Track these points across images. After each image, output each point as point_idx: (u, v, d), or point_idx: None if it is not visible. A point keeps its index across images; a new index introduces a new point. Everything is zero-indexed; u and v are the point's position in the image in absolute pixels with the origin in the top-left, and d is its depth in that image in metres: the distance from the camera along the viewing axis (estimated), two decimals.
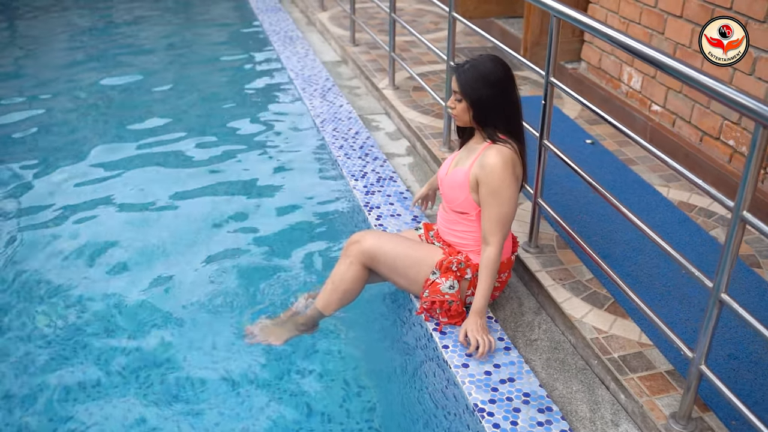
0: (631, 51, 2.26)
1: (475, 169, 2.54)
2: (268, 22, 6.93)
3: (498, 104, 2.52)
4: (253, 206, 3.99)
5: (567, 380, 2.49)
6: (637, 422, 2.30)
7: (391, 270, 2.75)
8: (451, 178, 2.63)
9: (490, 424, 2.25)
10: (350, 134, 4.40)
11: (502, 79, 2.50)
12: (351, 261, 2.76)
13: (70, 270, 3.45)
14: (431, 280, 2.67)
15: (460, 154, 2.72)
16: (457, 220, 2.68)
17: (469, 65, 2.51)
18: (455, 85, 2.53)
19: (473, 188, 2.56)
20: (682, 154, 3.75)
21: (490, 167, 2.47)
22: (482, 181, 2.50)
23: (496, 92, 2.50)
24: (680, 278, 2.90)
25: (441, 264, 2.66)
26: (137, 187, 4.15)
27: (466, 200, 2.60)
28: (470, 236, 2.67)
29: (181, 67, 6.21)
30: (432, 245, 2.81)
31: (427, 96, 4.84)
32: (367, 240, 2.75)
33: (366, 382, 2.87)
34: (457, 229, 2.70)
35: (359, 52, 5.73)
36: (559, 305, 2.73)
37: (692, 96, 3.71)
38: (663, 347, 2.51)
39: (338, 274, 2.79)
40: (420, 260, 2.70)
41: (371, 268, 2.77)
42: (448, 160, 2.79)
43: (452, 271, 2.65)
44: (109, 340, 3.02)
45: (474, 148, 2.63)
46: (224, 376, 2.83)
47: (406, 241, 2.79)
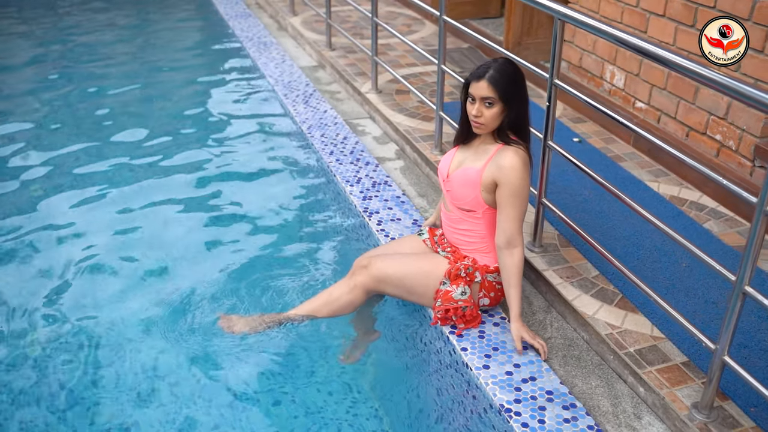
0: (647, 55, 2.29)
1: (491, 169, 2.55)
2: (240, 28, 6.87)
3: (525, 106, 2.58)
4: (246, 217, 3.96)
5: (585, 376, 2.53)
6: (658, 414, 2.35)
7: (400, 290, 2.78)
8: (461, 176, 2.64)
9: (518, 423, 2.28)
10: (339, 140, 4.40)
11: (522, 79, 2.55)
12: (355, 286, 2.78)
13: (49, 284, 3.39)
14: (442, 290, 2.69)
15: (463, 153, 2.71)
16: (462, 218, 2.70)
17: (497, 70, 2.50)
18: (485, 90, 2.48)
19: (486, 188, 2.58)
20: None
21: (510, 168, 2.50)
22: (502, 182, 2.52)
23: (523, 95, 2.56)
24: (682, 272, 2.98)
25: (449, 273, 2.68)
26: (124, 203, 4.08)
27: (475, 198, 2.62)
28: (476, 235, 2.70)
29: (155, 77, 6.09)
30: (436, 255, 2.82)
31: (411, 99, 4.86)
32: (374, 264, 2.76)
33: (374, 389, 2.88)
34: (462, 228, 2.72)
35: (337, 57, 5.73)
36: (570, 303, 2.78)
37: (677, 92, 3.80)
38: (676, 340, 2.58)
39: (337, 292, 2.83)
40: (427, 274, 2.72)
41: (379, 291, 2.80)
42: (446, 160, 2.79)
43: (461, 278, 2.67)
44: (98, 352, 2.99)
45: (485, 149, 2.64)
46: (225, 384, 2.82)
47: (410, 259, 2.80)
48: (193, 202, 4.10)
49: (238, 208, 4.04)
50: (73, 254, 3.60)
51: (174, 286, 3.34)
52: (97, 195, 4.15)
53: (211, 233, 3.80)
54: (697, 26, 3.58)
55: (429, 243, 2.91)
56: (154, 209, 4.01)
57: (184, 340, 3.03)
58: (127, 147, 4.76)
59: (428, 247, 2.90)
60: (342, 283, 2.82)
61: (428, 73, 5.39)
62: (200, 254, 3.60)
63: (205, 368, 2.89)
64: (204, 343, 2.97)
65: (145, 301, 3.24)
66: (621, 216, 3.37)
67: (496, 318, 2.79)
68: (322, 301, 2.85)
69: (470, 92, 2.53)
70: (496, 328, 2.73)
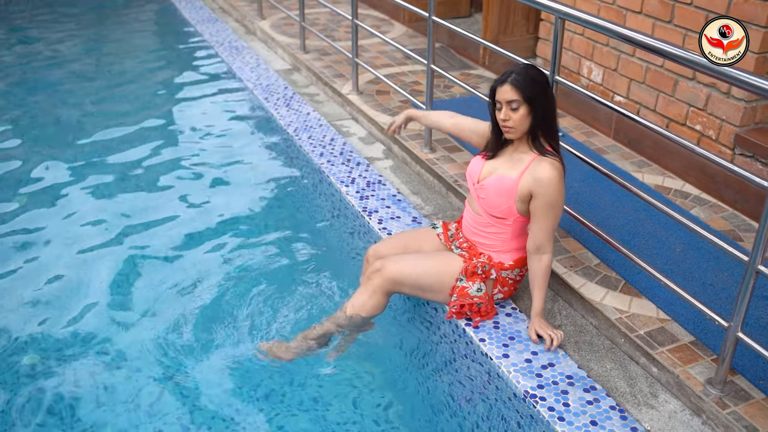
0: (658, 52, 2.40)
1: (527, 180, 2.58)
2: (209, 33, 6.84)
3: (552, 107, 2.61)
4: (241, 225, 3.97)
5: (599, 360, 2.64)
6: (673, 392, 2.47)
7: (416, 289, 2.81)
8: (496, 185, 2.65)
9: (545, 408, 2.37)
10: (326, 141, 4.44)
11: (547, 83, 2.57)
12: (374, 291, 2.79)
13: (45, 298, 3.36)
14: (458, 286, 2.75)
15: (497, 160, 2.72)
16: (491, 223, 2.73)
17: (518, 73, 2.53)
18: (510, 93, 2.52)
19: (521, 198, 2.61)
20: (650, 141, 4.00)
21: (548, 181, 2.53)
22: (539, 193, 2.56)
23: (549, 95, 2.58)
24: (677, 257, 3.12)
25: (466, 270, 2.74)
26: (116, 217, 4.04)
27: (509, 208, 2.65)
28: (499, 238, 2.75)
29: (131, 86, 6.00)
30: (450, 253, 2.87)
31: (393, 99, 4.93)
32: (388, 268, 2.77)
33: (386, 382, 2.95)
34: (488, 232, 2.76)
35: (312, 59, 5.76)
36: (576, 291, 2.89)
37: (656, 86, 3.96)
38: (681, 321, 2.71)
39: (359, 301, 2.82)
40: (442, 272, 2.77)
41: (396, 291, 2.83)
42: (476, 165, 2.81)
43: (478, 275, 2.74)
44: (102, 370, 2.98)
45: (519, 158, 2.65)
46: (238, 384, 2.86)
47: (424, 258, 2.84)
48: (183, 211, 4.09)
49: (231, 216, 4.06)
50: (50, 267, 3.56)
51: (181, 303, 3.33)
52: (77, 207, 4.10)
53: (202, 244, 3.79)
54: (674, 22, 3.74)
55: (443, 238, 2.97)
56: (141, 221, 3.99)
57: (193, 351, 3.05)
58: (109, 164, 4.70)
59: (441, 242, 2.96)
60: (361, 290, 2.82)
61: (405, 74, 5.46)
62: (200, 268, 3.59)
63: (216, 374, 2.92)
64: (215, 357, 3.00)
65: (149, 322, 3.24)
66: (613, 207, 3.49)
67: (507, 309, 2.88)
68: (348, 313, 2.84)
69: (496, 98, 2.57)
70: (509, 318, 2.82)
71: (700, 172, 3.72)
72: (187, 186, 4.34)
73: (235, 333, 3.13)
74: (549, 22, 4.75)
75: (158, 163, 4.62)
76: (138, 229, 3.91)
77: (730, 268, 3.03)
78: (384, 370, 3.03)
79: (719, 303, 2.78)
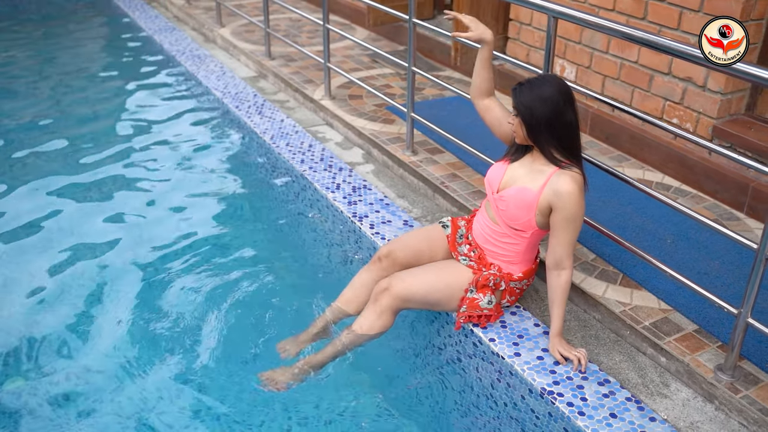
0: (667, 51, 2.44)
1: (547, 194, 2.54)
2: (168, 42, 6.69)
3: (551, 123, 2.51)
4: (228, 239, 3.89)
5: (608, 353, 2.68)
6: (683, 380, 2.52)
7: (425, 304, 2.79)
8: (517, 197, 2.61)
9: (563, 403, 2.38)
10: (305, 148, 4.39)
11: (555, 98, 2.50)
12: (382, 310, 2.74)
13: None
14: (469, 297, 2.72)
15: (515, 169, 2.69)
16: (508, 234, 2.69)
17: (527, 83, 2.53)
18: (513, 101, 2.56)
19: (542, 212, 2.58)
20: (627, 136, 4.08)
21: (568, 194, 2.49)
22: (559, 207, 2.52)
23: (548, 110, 2.49)
24: (669, 247, 3.18)
25: (477, 282, 2.71)
26: (95, 234, 3.92)
27: (529, 221, 2.62)
28: (514, 249, 2.72)
29: (91, 100, 5.78)
30: (457, 265, 2.81)
31: (366, 103, 4.92)
32: (396, 287, 2.71)
33: (387, 386, 2.94)
34: (504, 242, 2.72)
35: (279, 66, 5.69)
36: (578, 286, 2.92)
37: (631, 82, 4.04)
38: (683, 310, 2.76)
39: (367, 323, 2.76)
40: (452, 285, 2.73)
41: (403, 309, 2.79)
42: (497, 172, 2.74)
43: (489, 287, 2.72)
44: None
45: (540, 169, 2.60)
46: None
47: (431, 273, 2.78)
48: (160, 225, 3.98)
49: (212, 229, 3.96)
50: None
51: (165, 326, 3.24)
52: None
53: (182, 257, 3.70)
54: (648, 18, 3.83)
55: (449, 239, 2.92)
56: (113, 236, 3.87)
57: (189, 365, 2.98)
58: (80, 175, 4.56)
59: (448, 244, 2.93)
60: (369, 311, 2.77)
61: (374, 77, 5.45)
62: (180, 284, 3.50)
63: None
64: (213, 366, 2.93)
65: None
66: (599, 202, 3.55)
67: (512, 307, 2.89)
68: (356, 334, 2.78)
69: None
70: (514, 317, 2.83)
71: (679, 165, 3.81)
72: (164, 199, 4.23)
73: (231, 347, 3.06)
74: (518, 21, 4.81)
75: (131, 177, 4.49)
76: (112, 245, 3.79)
77: (721, 256, 3.12)
78: (386, 374, 3.01)
79: (715, 291, 2.84)
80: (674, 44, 2.39)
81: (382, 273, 2.85)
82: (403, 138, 4.29)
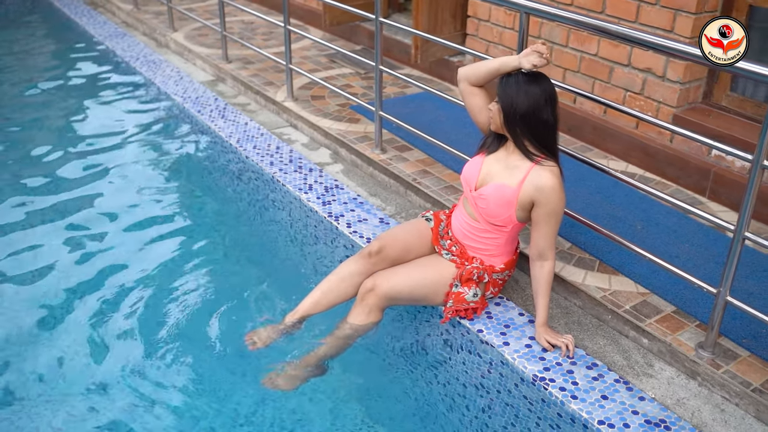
0: (628, 40, 2.52)
1: (528, 190, 2.59)
2: (121, 48, 6.56)
3: (528, 117, 2.56)
4: (201, 242, 3.85)
5: (592, 338, 2.75)
6: (666, 359, 2.61)
7: (411, 301, 2.85)
8: (496, 194, 2.65)
9: (556, 388, 2.45)
10: (272, 150, 4.37)
11: (537, 95, 2.55)
12: (370, 309, 2.78)
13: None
14: (454, 291, 2.77)
15: (491, 164, 2.73)
16: (488, 230, 2.75)
17: (517, 76, 2.58)
18: (498, 88, 2.61)
19: (522, 207, 2.63)
20: (589, 127, 4.19)
21: (551, 189, 2.56)
22: (541, 202, 2.58)
23: (527, 105, 2.55)
24: (639, 233, 3.28)
25: (461, 276, 2.76)
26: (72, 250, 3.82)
27: (509, 217, 2.67)
28: (494, 243, 2.77)
29: (43, 109, 5.59)
30: (440, 260, 2.86)
31: (329, 103, 4.92)
32: (381, 286, 2.76)
33: (374, 383, 2.96)
34: (484, 237, 2.77)
35: (237, 69, 5.64)
36: (558, 274, 2.99)
37: (591, 74, 4.15)
38: (660, 292, 2.86)
39: (357, 320, 2.80)
40: (436, 281, 2.79)
41: (389, 306, 2.84)
42: (473, 168, 2.78)
43: (473, 281, 2.77)
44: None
45: (515, 165, 2.65)
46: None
47: (415, 270, 2.83)
48: (131, 236, 3.91)
49: (185, 236, 3.91)
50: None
51: (161, 331, 3.20)
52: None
53: (157, 267, 3.64)
54: (606, 12, 3.94)
55: (432, 233, 2.96)
56: (87, 250, 3.79)
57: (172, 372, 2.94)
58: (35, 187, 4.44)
59: (430, 236, 2.97)
60: (357, 310, 2.80)
61: (334, 77, 5.46)
62: (157, 293, 3.46)
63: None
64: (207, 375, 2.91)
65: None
66: (568, 192, 3.60)
67: (495, 298, 2.94)
68: (347, 333, 2.81)
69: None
70: (499, 307, 2.89)
71: (641, 153, 3.93)
72: (134, 210, 4.15)
73: (216, 355, 3.04)
74: (476, 18, 4.88)
75: (95, 188, 4.39)
76: (73, 256, 3.72)
77: (689, 239, 3.24)
78: (373, 370, 3.03)
79: (688, 272, 2.94)
80: (669, 43, 2.42)
81: (371, 268, 2.86)
82: (370, 137, 4.31)
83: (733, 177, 3.53)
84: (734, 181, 3.51)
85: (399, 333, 3.09)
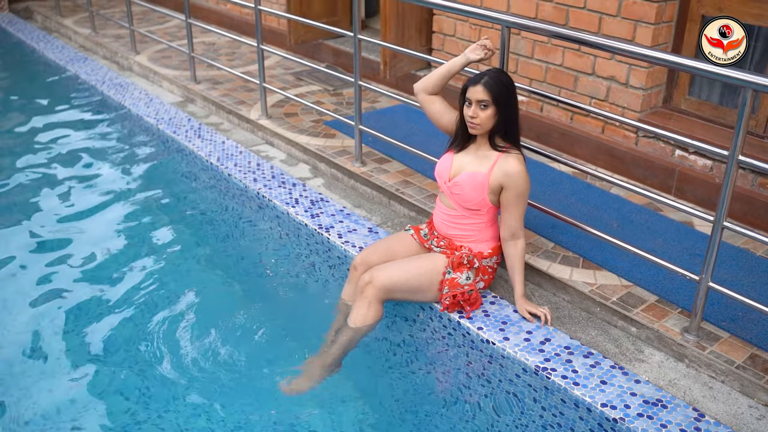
0: (606, 49, 2.73)
1: (497, 175, 2.85)
2: (84, 72, 6.53)
3: (515, 111, 2.90)
4: (200, 263, 3.89)
5: (584, 329, 2.93)
6: (655, 345, 2.81)
7: (407, 292, 2.98)
8: (470, 180, 2.90)
9: (558, 377, 2.61)
10: (254, 167, 4.46)
11: (514, 88, 2.87)
12: (369, 301, 2.92)
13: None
14: (448, 278, 2.95)
15: (462, 158, 2.97)
16: (466, 215, 2.97)
17: (491, 77, 2.80)
18: (482, 94, 2.78)
19: (493, 191, 2.88)
20: (557, 134, 4.41)
21: (517, 173, 2.83)
22: (509, 186, 2.84)
23: (514, 100, 2.88)
24: (616, 231, 3.49)
25: (452, 262, 2.95)
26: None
27: (483, 200, 2.90)
28: (476, 228, 2.99)
29: (12, 140, 5.56)
30: (432, 253, 3.07)
31: (303, 119, 5.04)
32: (378, 278, 2.90)
33: (377, 386, 3.07)
34: (464, 223, 2.99)
35: (206, 89, 5.71)
36: (545, 272, 3.17)
37: (557, 83, 4.38)
38: (642, 284, 3.07)
39: (360, 315, 2.92)
40: (430, 270, 2.96)
41: (388, 299, 2.98)
42: (444, 164, 3.02)
43: (464, 265, 2.96)
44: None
45: (485, 155, 2.91)
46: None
47: (408, 262, 3.01)
48: (126, 259, 3.93)
49: (174, 256, 3.95)
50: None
51: (156, 348, 3.24)
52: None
53: (149, 287, 3.67)
54: (570, 24, 4.18)
55: (417, 238, 3.15)
56: (70, 275, 3.79)
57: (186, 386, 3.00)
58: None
59: (416, 240, 3.14)
60: (358, 305, 2.93)
61: (304, 95, 5.58)
62: (151, 310, 3.49)
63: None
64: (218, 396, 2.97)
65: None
66: (543, 196, 3.82)
67: (489, 297, 3.10)
68: (353, 329, 2.93)
69: (467, 96, 2.82)
70: (494, 306, 3.05)
71: (608, 156, 4.17)
72: (124, 233, 4.17)
73: (219, 366, 3.11)
74: (442, 33, 5.08)
75: (74, 214, 4.38)
76: (73, 276, 3.73)
77: (662, 234, 3.46)
78: (373, 371, 3.13)
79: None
80: (667, 56, 2.65)
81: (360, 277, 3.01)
82: (348, 150, 4.45)
83: (696, 175, 3.78)
84: (697, 178, 3.77)
85: (399, 334, 3.21)
